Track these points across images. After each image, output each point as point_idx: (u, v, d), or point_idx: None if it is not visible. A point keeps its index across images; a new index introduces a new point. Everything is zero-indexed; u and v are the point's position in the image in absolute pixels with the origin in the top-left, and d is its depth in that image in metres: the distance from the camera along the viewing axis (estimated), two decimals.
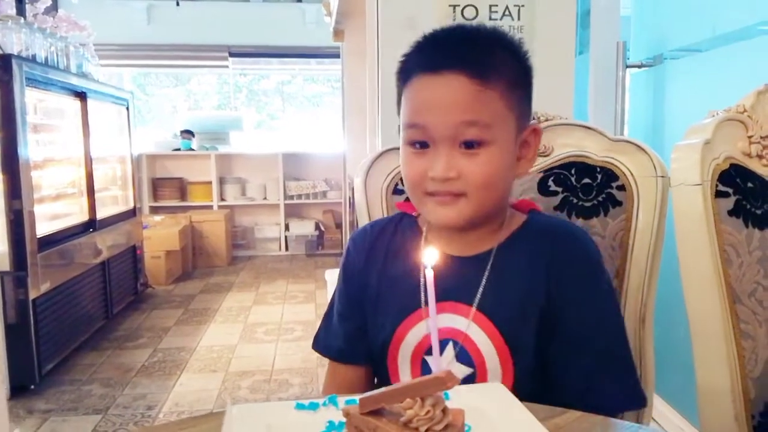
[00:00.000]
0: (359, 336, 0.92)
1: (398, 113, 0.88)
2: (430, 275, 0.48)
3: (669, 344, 1.68)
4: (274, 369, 2.93)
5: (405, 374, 0.86)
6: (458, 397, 0.57)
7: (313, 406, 0.62)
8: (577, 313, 0.80)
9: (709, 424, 0.86)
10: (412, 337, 0.85)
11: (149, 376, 2.86)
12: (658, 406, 2.05)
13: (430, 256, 0.50)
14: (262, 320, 3.72)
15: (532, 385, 0.68)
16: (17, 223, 2.65)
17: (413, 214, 0.94)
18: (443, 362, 0.79)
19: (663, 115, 2.16)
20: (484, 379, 0.80)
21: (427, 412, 0.44)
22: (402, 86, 0.84)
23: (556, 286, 0.81)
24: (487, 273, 0.83)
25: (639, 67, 2.31)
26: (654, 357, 1.08)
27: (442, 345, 0.82)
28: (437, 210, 0.81)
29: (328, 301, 0.99)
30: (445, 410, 0.46)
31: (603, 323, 0.82)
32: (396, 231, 0.94)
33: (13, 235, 2.65)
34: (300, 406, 0.62)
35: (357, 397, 0.51)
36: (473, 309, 0.81)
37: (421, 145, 0.81)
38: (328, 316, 0.98)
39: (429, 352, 0.83)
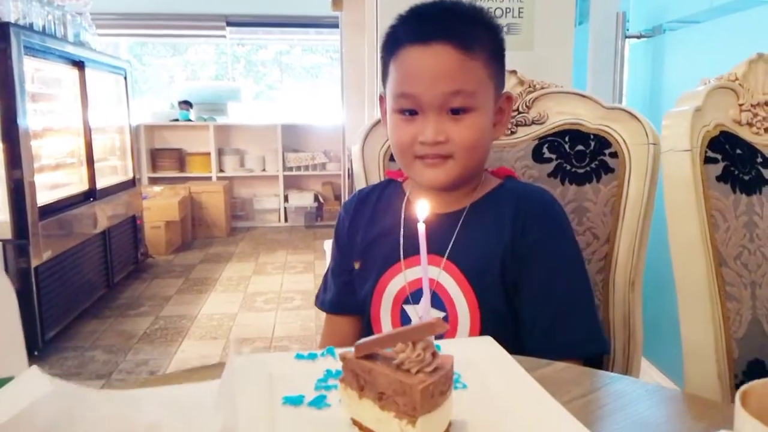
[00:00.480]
0: (349, 290, 1.00)
1: (383, 84, 0.94)
2: (422, 228, 0.51)
3: (657, 310, 1.71)
4: (274, 336, 2.98)
5: (386, 322, 0.94)
6: (448, 349, 0.60)
7: (312, 356, 0.65)
8: (538, 263, 0.87)
9: (693, 382, 0.90)
10: (392, 287, 0.93)
11: (151, 342, 2.91)
12: (646, 369, 2.10)
13: (422, 209, 0.53)
14: (261, 290, 3.76)
15: (498, 328, 0.74)
16: (18, 192, 2.67)
17: (399, 179, 1.02)
18: (420, 308, 0.87)
19: (661, 86, 2.17)
20: (455, 322, 0.88)
21: (418, 355, 0.47)
22: (389, 57, 0.90)
23: (520, 237, 0.88)
24: (458, 227, 0.90)
25: (638, 37, 2.32)
26: (643, 321, 1.11)
27: (419, 294, 0.90)
28: (426, 171, 0.89)
29: (331, 250, 1.08)
30: (434, 354, 0.49)
31: (563, 273, 0.88)
32: (381, 194, 1.02)
33: (14, 204, 2.67)
34: (299, 356, 0.65)
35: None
36: (444, 259, 0.88)
37: (410, 112, 0.87)
38: (325, 276, 1.06)
39: (407, 301, 0.91)
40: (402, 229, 0.94)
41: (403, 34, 0.88)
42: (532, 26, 2.06)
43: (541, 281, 0.87)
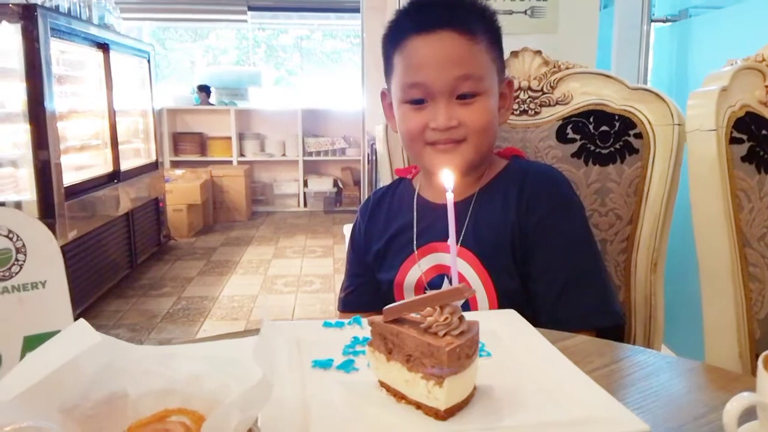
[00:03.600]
0: (364, 290, 1.04)
1: (386, 78, 0.97)
2: (450, 197, 0.52)
3: (678, 295, 1.71)
4: (294, 318, 3.02)
5: None
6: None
7: (339, 324, 0.67)
8: (544, 238, 0.89)
9: (714, 361, 0.90)
10: (410, 278, 0.96)
11: (173, 322, 2.96)
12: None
13: (447, 178, 0.54)
14: (281, 273, 3.80)
15: (514, 308, 0.75)
16: (44, 173, 2.71)
17: (408, 177, 1.05)
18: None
19: (686, 71, 2.15)
20: (474, 304, 0.90)
21: (445, 318, 0.49)
22: (392, 50, 0.92)
23: (525, 215, 0.89)
24: (469, 214, 0.92)
25: (663, 21, 2.29)
26: (664, 304, 1.11)
27: (438, 280, 0.93)
28: (439, 157, 0.90)
29: (346, 254, 1.12)
30: (461, 318, 0.50)
31: (570, 247, 0.90)
32: (394, 195, 1.05)
33: (40, 185, 2.71)
34: (327, 324, 0.67)
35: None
36: (457, 245, 0.90)
37: (419, 101, 0.89)
38: (343, 281, 1.10)
39: (429, 286, 0.94)
40: (414, 223, 0.97)
41: (406, 26, 0.90)
42: (557, 10, 2.05)
43: (547, 256, 0.88)
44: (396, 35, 0.91)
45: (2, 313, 0.46)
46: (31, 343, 0.46)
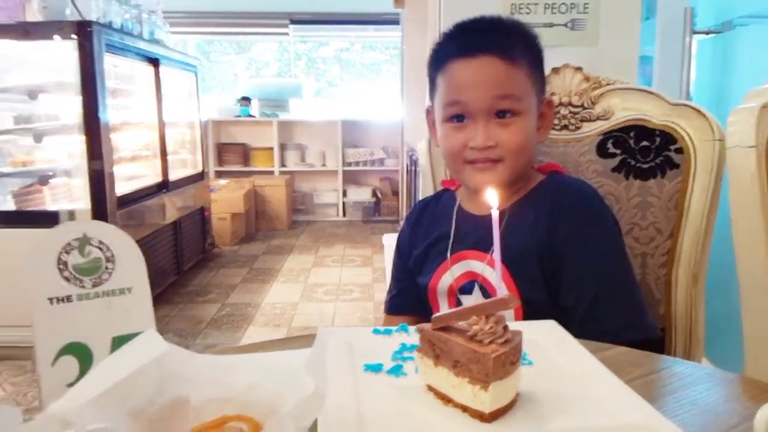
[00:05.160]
0: (408, 293, 1.09)
1: (431, 98, 1.02)
2: (495, 214, 0.55)
3: (719, 310, 1.69)
4: (334, 326, 3.07)
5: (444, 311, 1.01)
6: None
7: (388, 332, 0.72)
8: (574, 253, 0.91)
9: (754, 374, 0.91)
10: (442, 284, 1.01)
11: (218, 328, 3.05)
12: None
13: (492, 197, 0.57)
14: (321, 281, 3.87)
15: (537, 317, 0.77)
16: (98, 183, 2.82)
17: (452, 188, 1.11)
18: (471, 299, 0.95)
19: (730, 83, 2.13)
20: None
21: (491, 327, 0.52)
22: (435, 72, 0.98)
23: (555, 230, 0.92)
24: (502, 225, 0.94)
25: (706, 33, 2.27)
26: (704, 317, 1.12)
27: (469, 286, 0.97)
28: (477, 175, 0.95)
29: (385, 263, 1.20)
30: (505, 327, 0.53)
31: (603, 261, 0.92)
32: (438, 204, 1.11)
33: (94, 194, 2.83)
34: (376, 331, 0.72)
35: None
36: (488, 255, 0.95)
37: (458, 119, 0.94)
38: (390, 285, 1.16)
39: (459, 291, 0.99)
40: (452, 231, 1.01)
41: (450, 49, 0.96)
42: (598, 22, 2.06)
43: (577, 269, 0.91)
44: (439, 58, 0.97)
45: (94, 316, 0.52)
46: (119, 342, 0.51)
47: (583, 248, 0.92)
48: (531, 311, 0.91)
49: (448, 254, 1.00)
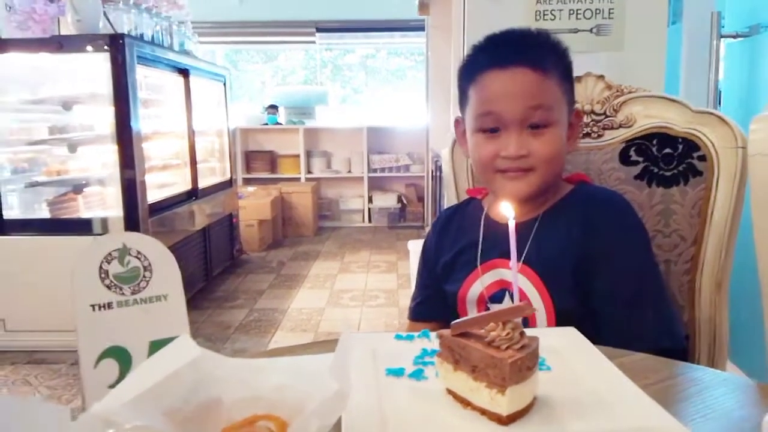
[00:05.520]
0: (433, 300, 1.10)
1: (461, 109, 1.04)
2: (512, 225, 0.57)
3: (743, 316, 1.68)
4: (360, 331, 3.10)
5: None
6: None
7: (410, 338, 0.74)
8: (609, 263, 0.92)
9: None
10: (472, 293, 1.02)
11: (246, 333, 3.10)
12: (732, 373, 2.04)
13: (507, 209, 0.59)
14: (347, 287, 3.90)
15: (570, 324, 0.78)
16: (130, 191, 2.90)
17: (478, 197, 1.12)
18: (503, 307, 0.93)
19: (758, 88, 2.11)
20: (533, 321, 0.94)
21: (508, 333, 0.54)
22: (467, 84, 1.00)
23: (591, 239, 0.93)
24: (532, 234, 0.97)
25: (734, 37, 2.25)
26: (728, 323, 1.12)
27: (500, 294, 0.98)
28: (508, 185, 0.97)
29: (410, 269, 1.21)
30: (522, 334, 0.55)
31: (634, 271, 0.93)
32: (465, 213, 1.12)
33: (127, 201, 2.90)
34: (398, 337, 0.74)
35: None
36: (520, 263, 0.96)
37: (491, 130, 0.96)
38: (414, 292, 1.17)
39: (490, 300, 1.00)
40: (480, 240, 1.02)
41: (482, 61, 0.97)
42: (623, 27, 2.05)
43: (612, 277, 0.92)
44: (472, 69, 0.99)
45: (133, 321, 0.55)
46: (156, 346, 0.54)
47: (619, 258, 0.93)
48: (563, 318, 0.92)
49: (478, 263, 1.01)
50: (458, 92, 1.04)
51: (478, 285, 1.01)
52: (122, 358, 0.55)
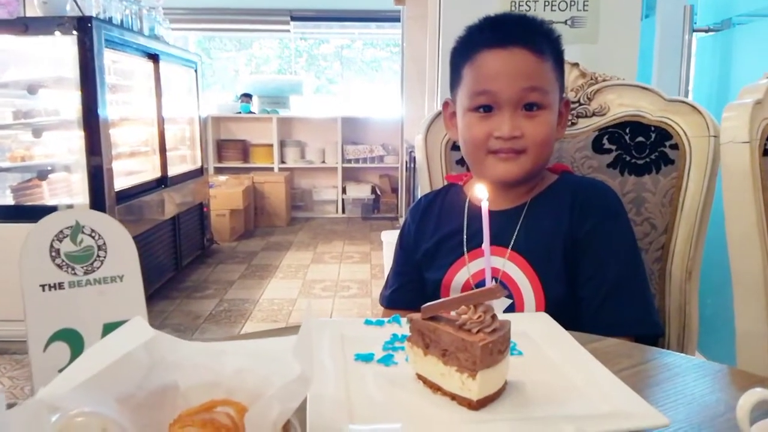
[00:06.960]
0: (409, 288, 1.08)
1: (452, 88, 1.02)
2: (485, 206, 0.56)
3: (712, 306, 1.70)
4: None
5: None
6: None
7: (380, 323, 0.72)
8: (593, 247, 0.93)
9: (745, 368, 0.92)
10: (457, 281, 1.00)
11: (216, 323, 3.06)
12: None
13: (481, 191, 0.58)
14: (319, 277, 3.87)
15: (561, 312, 0.78)
16: (97, 178, 2.83)
17: (459, 183, 1.10)
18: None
19: (729, 81, 2.13)
20: (521, 307, 0.93)
21: (479, 317, 0.53)
22: (463, 62, 0.98)
23: (577, 224, 0.93)
24: (521, 220, 0.96)
25: (706, 31, 2.27)
26: (698, 312, 1.12)
27: (482, 284, 0.93)
28: (500, 165, 0.95)
29: (384, 260, 1.18)
30: (494, 317, 0.54)
31: (617, 256, 0.93)
32: (444, 199, 1.09)
33: (93, 189, 2.83)
34: (368, 322, 0.72)
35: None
36: (509, 250, 0.95)
37: (486, 109, 0.94)
38: (387, 277, 1.15)
39: (476, 287, 0.96)
40: (465, 227, 1.01)
41: (479, 40, 0.96)
42: (597, 19, 2.06)
43: (595, 263, 0.92)
44: (467, 49, 0.97)
45: (85, 303, 0.52)
46: (110, 329, 0.52)
47: (603, 242, 0.93)
48: (552, 304, 0.92)
49: (465, 250, 0.99)
50: (450, 72, 1.02)
51: (465, 272, 0.99)
52: (74, 341, 0.52)
